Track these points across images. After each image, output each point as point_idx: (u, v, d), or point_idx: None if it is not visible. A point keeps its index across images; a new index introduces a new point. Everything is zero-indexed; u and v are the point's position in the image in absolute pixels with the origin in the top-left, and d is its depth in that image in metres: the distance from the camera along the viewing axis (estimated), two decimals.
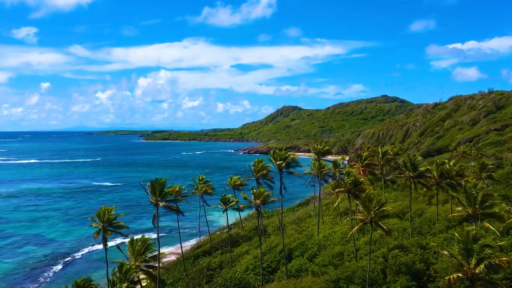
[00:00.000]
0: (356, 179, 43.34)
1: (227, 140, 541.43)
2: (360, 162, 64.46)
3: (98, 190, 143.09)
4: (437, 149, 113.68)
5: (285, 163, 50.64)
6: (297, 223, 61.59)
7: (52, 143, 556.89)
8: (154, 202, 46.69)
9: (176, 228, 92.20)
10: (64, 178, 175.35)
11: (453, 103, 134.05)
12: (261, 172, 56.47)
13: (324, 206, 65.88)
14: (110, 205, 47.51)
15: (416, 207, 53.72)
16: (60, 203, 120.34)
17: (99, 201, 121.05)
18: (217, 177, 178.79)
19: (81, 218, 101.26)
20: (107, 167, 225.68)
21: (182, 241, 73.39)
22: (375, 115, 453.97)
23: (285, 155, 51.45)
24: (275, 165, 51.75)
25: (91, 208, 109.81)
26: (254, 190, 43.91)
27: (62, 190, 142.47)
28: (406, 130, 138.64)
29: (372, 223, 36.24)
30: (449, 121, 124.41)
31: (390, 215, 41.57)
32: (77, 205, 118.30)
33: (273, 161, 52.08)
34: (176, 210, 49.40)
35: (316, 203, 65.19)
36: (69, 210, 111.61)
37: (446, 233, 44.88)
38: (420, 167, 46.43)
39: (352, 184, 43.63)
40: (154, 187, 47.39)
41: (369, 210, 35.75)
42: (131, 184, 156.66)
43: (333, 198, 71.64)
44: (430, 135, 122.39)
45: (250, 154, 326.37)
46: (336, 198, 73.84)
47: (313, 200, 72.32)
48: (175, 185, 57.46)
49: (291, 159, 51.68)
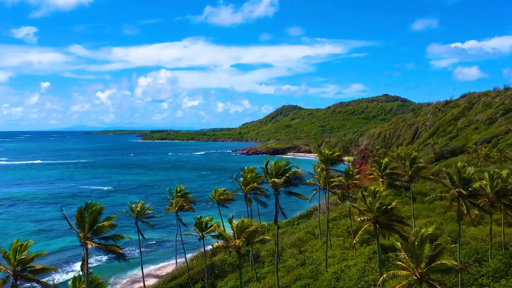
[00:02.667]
0: (386, 204, 29.40)
1: (226, 140, 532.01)
2: (378, 170, 51.20)
3: (83, 194, 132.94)
4: (451, 150, 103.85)
5: (285, 179, 35.69)
6: (298, 246, 50.20)
7: (49, 143, 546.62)
8: (82, 240, 32.08)
9: (167, 240, 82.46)
10: (50, 181, 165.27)
11: (466, 100, 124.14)
12: (252, 185, 45.13)
13: (331, 221, 55.03)
14: None
15: (449, 228, 42.58)
16: (36, 210, 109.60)
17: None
18: (214, 179, 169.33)
19: (55, 228, 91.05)
20: (99, 168, 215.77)
21: (160, 262, 63.46)
22: (377, 115, 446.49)
23: (284, 168, 36.60)
24: (269, 183, 37.09)
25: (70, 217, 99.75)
26: (234, 222, 32.00)
27: (44, 194, 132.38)
28: (415, 129, 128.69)
29: (422, 282, 24.09)
30: (462, 120, 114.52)
31: (398, 219, 31.36)
32: (54, 213, 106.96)
33: (267, 176, 37.66)
34: (116, 253, 32.48)
35: (322, 216, 55.13)
36: (45, 219, 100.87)
37: (507, 276, 33.29)
38: (472, 183, 32.34)
39: (381, 211, 28.84)
40: (82, 217, 32.11)
41: (418, 261, 23.70)
42: (122, 188, 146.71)
43: (340, 210, 61.28)
44: (442, 135, 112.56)
45: (249, 154, 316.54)
46: (344, 209, 63.58)
47: (316, 213, 61.91)
48: (137, 202, 46.69)
49: (293, 174, 36.40)
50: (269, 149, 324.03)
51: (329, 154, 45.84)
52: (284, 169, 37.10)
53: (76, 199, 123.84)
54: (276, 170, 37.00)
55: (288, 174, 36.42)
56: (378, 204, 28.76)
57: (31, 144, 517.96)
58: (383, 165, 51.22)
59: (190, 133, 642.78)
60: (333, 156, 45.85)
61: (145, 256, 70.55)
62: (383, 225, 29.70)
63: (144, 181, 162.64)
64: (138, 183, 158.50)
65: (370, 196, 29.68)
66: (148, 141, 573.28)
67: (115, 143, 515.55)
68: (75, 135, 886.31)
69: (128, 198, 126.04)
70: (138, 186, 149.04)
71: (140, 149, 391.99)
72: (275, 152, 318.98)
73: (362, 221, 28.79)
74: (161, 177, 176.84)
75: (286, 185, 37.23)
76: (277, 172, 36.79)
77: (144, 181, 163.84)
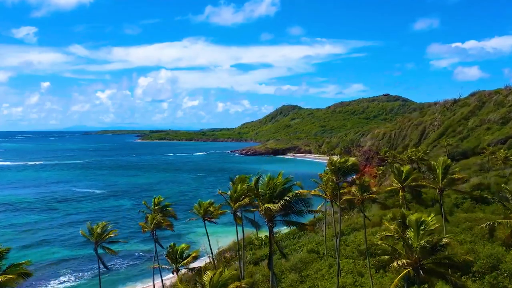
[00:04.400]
0: (435, 241, 21.64)
1: (225, 140, 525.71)
2: (397, 180, 40.81)
3: (73, 199, 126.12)
4: (462, 152, 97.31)
5: (283, 204, 24.94)
6: (300, 269, 41.51)
7: (47, 143, 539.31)
8: None
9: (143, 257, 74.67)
10: (41, 183, 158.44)
11: (476, 99, 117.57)
12: (242, 202, 34.39)
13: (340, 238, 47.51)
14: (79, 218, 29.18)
15: (487, 251, 34.20)
16: (21, 217, 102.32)
17: (67, 215, 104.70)
18: (211, 182, 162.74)
19: (39, 237, 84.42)
20: (93, 170, 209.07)
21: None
22: (378, 114, 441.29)
23: (282, 187, 26.17)
24: (260, 210, 26.24)
25: (52, 225, 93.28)
26: (207, 275, 19.69)
27: (32, 199, 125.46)
28: (422, 130, 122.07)
29: None
30: (473, 119, 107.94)
31: (454, 264, 23.47)
32: (39, 221, 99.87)
33: (258, 200, 27.16)
34: None
35: (327, 230, 48.29)
36: (26, 227, 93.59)
37: None
38: None
39: (425, 251, 20.63)
40: None
41: None
42: (114, 191, 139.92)
43: (348, 221, 53.79)
44: (452, 136, 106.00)
45: (248, 155, 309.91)
46: (352, 220, 56.57)
47: (320, 224, 54.89)
48: (99, 224, 38.27)
49: (295, 196, 25.72)
50: (269, 150, 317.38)
51: (341, 162, 36.22)
52: (282, 188, 26.23)
53: (64, 204, 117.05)
54: (271, 191, 26.16)
55: (288, 196, 25.56)
56: (424, 242, 20.83)
57: (28, 144, 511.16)
58: (404, 174, 40.41)
59: (189, 133, 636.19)
60: (346, 166, 35.92)
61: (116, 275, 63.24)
62: (430, 271, 21.14)
63: (138, 184, 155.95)
64: (132, 186, 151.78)
65: (412, 227, 22.02)
66: (147, 141, 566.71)
67: (113, 144, 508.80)
68: (75, 135, 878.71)
69: (119, 203, 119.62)
70: (132, 190, 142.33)
71: (138, 150, 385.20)
72: (274, 152, 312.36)
73: (400, 266, 21.34)
74: (156, 180, 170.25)
75: (285, 213, 26.31)
76: (271, 194, 25.93)
77: (138, 184, 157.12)
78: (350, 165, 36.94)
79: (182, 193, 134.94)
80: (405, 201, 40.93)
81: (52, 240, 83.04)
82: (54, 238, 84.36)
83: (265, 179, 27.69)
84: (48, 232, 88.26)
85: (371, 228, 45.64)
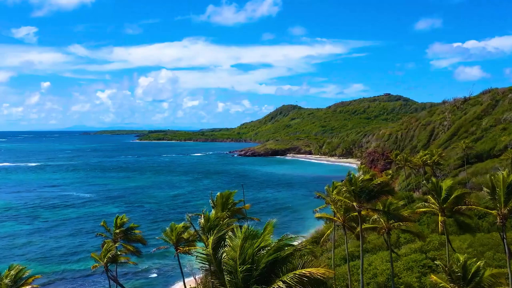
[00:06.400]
0: None
1: (224, 140, 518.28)
2: (436, 201, 30.90)
3: (59, 204, 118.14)
4: (477, 154, 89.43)
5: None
6: None
7: (42, 143, 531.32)
8: None
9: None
10: (29, 187, 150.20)
11: (489, 97, 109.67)
12: (218, 235, 24.39)
13: (341, 260, 38.47)
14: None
15: None
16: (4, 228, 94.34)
17: (47, 223, 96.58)
18: (206, 185, 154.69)
19: (16, 250, 76.39)
20: (85, 171, 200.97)
21: None
22: (379, 114, 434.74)
23: (271, 256, 13.56)
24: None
25: (31, 237, 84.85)
26: None
27: (18, 204, 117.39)
28: (431, 130, 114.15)
29: None
30: (487, 119, 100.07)
31: None
32: (17, 231, 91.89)
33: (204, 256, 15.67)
34: None
35: (336, 251, 39.72)
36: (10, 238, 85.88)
37: None
38: None
39: None
40: None
41: None
42: (104, 195, 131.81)
43: (356, 241, 44.78)
44: (464, 137, 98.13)
45: (246, 156, 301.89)
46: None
47: (325, 244, 45.47)
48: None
49: (299, 282, 12.28)
50: (268, 150, 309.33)
51: (365, 181, 26.26)
52: (271, 261, 14.07)
53: (49, 211, 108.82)
54: (246, 265, 14.09)
55: (286, 281, 13.31)
56: None
57: (24, 144, 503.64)
58: (444, 192, 29.81)
59: (187, 133, 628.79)
60: (371, 185, 25.48)
61: None
62: None
63: (130, 187, 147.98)
64: (124, 189, 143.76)
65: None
66: (145, 142, 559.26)
67: (110, 144, 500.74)
68: (73, 136, 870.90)
69: (107, 209, 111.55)
70: (122, 194, 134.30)
71: (135, 150, 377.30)
72: (274, 153, 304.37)
73: None
74: (149, 183, 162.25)
75: None
76: (248, 272, 14.10)
77: (130, 187, 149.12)
78: (377, 185, 26.38)
79: (175, 198, 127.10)
80: (446, 227, 31.18)
81: (28, 253, 75.21)
82: (30, 251, 76.52)
83: (236, 240, 14.40)
84: (25, 244, 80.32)
85: (386, 250, 37.28)
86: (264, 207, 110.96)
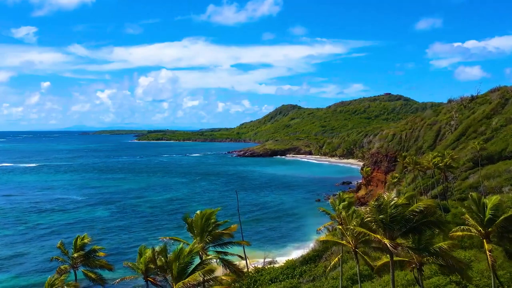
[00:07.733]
0: None
1: (223, 140, 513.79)
2: (477, 223, 23.82)
3: (48, 207, 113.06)
4: (487, 156, 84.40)
5: None
6: None
7: (40, 143, 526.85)
8: None
9: None
10: (18, 189, 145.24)
11: (498, 95, 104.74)
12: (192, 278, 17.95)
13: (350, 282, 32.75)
14: None
15: None
16: None
17: (37, 228, 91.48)
18: (203, 187, 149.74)
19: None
20: (79, 172, 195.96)
21: None
22: (379, 114, 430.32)
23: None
24: None
25: (14, 244, 79.75)
26: None
27: (6, 208, 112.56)
28: (437, 130, 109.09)
29: None
30: (497, 118, 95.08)
31: None
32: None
33: None
34: None
35: (344, 267, 34.52)
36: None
37: None
38: None
39: None
40: None
41: None
42: (96, 198, 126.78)
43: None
44: (473, 137, 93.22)
45: (245, 156, 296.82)
46: None
47: (329, 260, 39.75)
48: None
49: None
50: (267, 151, 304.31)
51: (398, 205, 19.26)
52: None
53: (36, 215, 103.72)
54: None
55: None
56: None
57: (24, 144, 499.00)
58: (488, 211, 23.06)
59: (186, 133, 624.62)
60: (408, 213, 18.41)
61: None
62: None
63: (124, 190, 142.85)
64: (117, 192, 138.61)
65: None
66: (143, 142, 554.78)
67: (108, 144, 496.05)
68: (73, 136, 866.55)
69: (98, 214, 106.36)
70: (116, 197, 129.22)
71: (133, 150, 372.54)
72: (273, 153, 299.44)
73: None
74: (145, 184, 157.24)
75: None
76: None
77: (124, 189, 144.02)
78: (418, 213, 18.29)
79: (171, 201, 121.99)
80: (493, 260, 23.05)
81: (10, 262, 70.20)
82: (12, 258, 71.49)
83: None
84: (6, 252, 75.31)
85: (399, 271, 31.13)
86: (264, 213, 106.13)
